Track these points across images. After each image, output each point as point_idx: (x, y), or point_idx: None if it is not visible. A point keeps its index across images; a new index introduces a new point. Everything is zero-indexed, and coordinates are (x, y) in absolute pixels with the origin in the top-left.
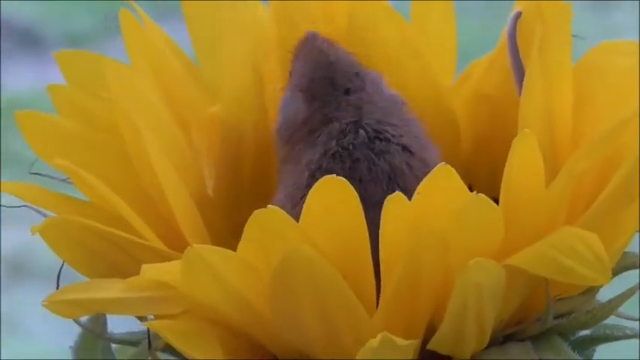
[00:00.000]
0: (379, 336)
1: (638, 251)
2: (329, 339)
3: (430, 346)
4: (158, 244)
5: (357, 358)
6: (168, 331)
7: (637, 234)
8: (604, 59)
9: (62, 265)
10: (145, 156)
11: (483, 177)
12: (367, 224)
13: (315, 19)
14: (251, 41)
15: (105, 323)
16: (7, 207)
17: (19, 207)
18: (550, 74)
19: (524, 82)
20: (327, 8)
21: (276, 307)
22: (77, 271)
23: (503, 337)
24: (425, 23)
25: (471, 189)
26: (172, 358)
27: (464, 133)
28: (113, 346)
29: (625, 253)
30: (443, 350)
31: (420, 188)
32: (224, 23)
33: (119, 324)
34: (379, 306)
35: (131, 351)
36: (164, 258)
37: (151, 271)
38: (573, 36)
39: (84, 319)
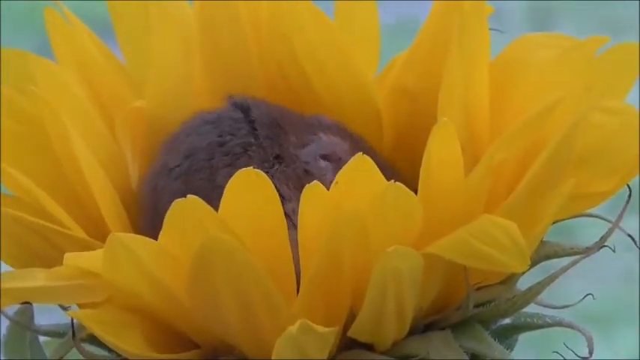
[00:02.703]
0: (297, 323)
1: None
2: (249, 327)
3: (350, 333)
4: (81, 234)
5: (277, 345)
6: (90, 320)
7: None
8: (526, 52)
9: None
10: (69, 149)
11: (406, 169)
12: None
13: (239, 19)
14: (178, 38)
15: (32, 315)
16: None
17: None
18: (468, 66)
19: (444, 74)
20: (251, 7)
21: (196, 295)
22: (4, 262)
23: (424, 326)
24: (348, 20)
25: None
26: (100, 350)
27: (386, 126)
28: (42, 339)
29: (546, 242)
30: (363, 338)
31: (338, 177)
32: (151, 21)
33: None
34: (298, 294)
35: (57, 342)
36: (88, 248)
37: (73, 258)
38: (492, 29)
39: (10, 311)
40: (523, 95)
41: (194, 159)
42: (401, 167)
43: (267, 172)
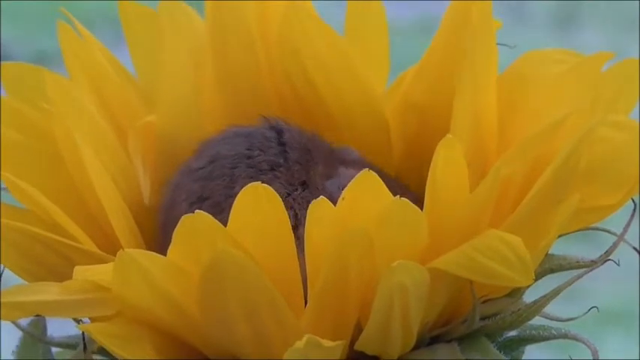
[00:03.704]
0: (305, 337)
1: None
2: (257, 340)
3: (357, 346)
4: (92, 248)
5: (284, 359)
6: (100, 333)
7: None
8: (534, 67)
9: (2, 269)
10: (80, 163)
11: (415, 182)
12: None
13: (250, 32)
14: (188, 52)
15: (44, 327)
16: None
17: None
18: (477, 81)
19: (456, 89)
20: (261, 21)
21: (205, 309)
22: (17, 276)
23: (430, 339)
24: (358, 34)
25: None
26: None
27: (395, 140)
28: (54, 349)
29: (552, 255)
30: (370, 350)
31: (344, 193)
32: (162, 33)
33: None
34: (306, 308)
35: (69, 354)
36: (99, 261)
37: (83, 272)
38: (499, 44)
39: (24, 322)
40: (531, 110)
41: (217, 164)
42: (409, 181)
43: (289, 195)
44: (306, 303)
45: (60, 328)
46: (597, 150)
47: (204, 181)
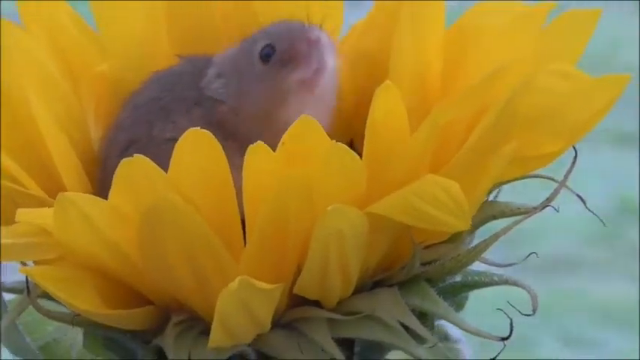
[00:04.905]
0: (238, 279)
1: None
2: (197, 283)
3: (296, 290)
4: (38, 192)
5: (218, 301)
6: (42, 276)
7: None
8: (480, 19)
9: None
10: (28, 111)
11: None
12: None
13: None
14: (143, 2)
15: None
16: None
17: None
18: (419, 32)
19: (394, 39)
20: None
21: (146, 254)
22: None
23: (372, 284)
24: None
25: (352, 143)
26: (61, 307)
27: (345, 90)
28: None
29: (493, 202)
30: (309, 295)
31: (284, 138)
32: None
33: None
34: (245, 251)
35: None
36: (46, 206)
37: (26, 215)
38: None
39: None
40: (476, 61)
41: (137, 112)
42: (360, 127)
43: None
44: None
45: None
46: (539, 98)
47: (128, 129)
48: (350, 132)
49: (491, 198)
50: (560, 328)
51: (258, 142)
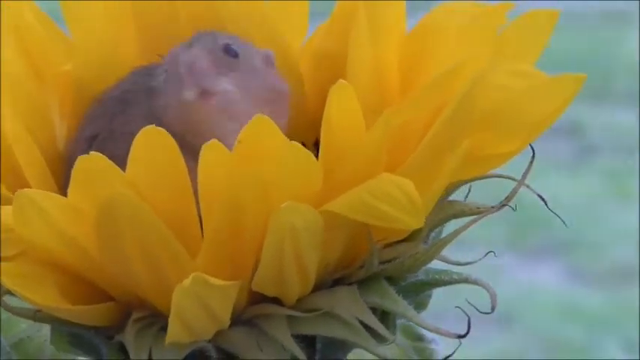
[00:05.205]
0: (191, 276)
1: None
2: (157, 281)
3: (253, 286)
4: (4, 191)
5: (173, 297)
6: (3, 272)
7: None
8: (441, 19)
9: None
10: None
11: None
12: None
13: None
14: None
15: None
16: None
17: None
18: (377, 31)
19: (350, 39)
20: None
21: (104, 250)
22: None
23: (332, 282)
24: None
25: (317, 142)
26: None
27: (309, 90)
28: None
29: (453, 202)
30: (266, 291)
31: (240, 136)
32: None
33: None
34: (202, 248)
35: None
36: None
37: None
38: None
39: None
40: (435, 61)
41: (101, 106)
42: None
43: None
44: None
45: None
46: (495, 97)
47: (90, 124)
48: (315, 132)
49: (461, 198)
50: (622, 336)
51: (213, 139)
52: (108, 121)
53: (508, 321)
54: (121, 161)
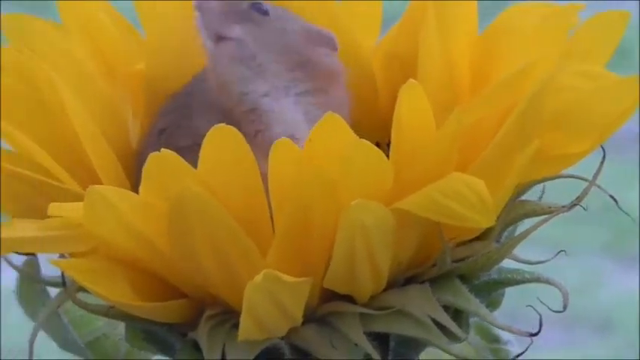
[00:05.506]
0: (262, 272)
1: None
2: (227, 278)
3: (325, 283)
4: (75, 187)
5: (245, 293)
6: (73, 269)
7: None
8: (513, 20)
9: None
10: (63, 109)
11: None
12: None
13: None
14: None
15: (37, 266)
16: None
17: None
18: (446, 32)
19: (420, 40)
20: None
21: (175, 246)
22: (5, 213)
23: (404, 280)
24: None
25: (389, 143)
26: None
27: (381, 90)
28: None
29: (525, 201)
30: (339, 289)
31: (311, 135)
32: None
33: None
34: (272, 246)
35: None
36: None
37: (56, 208)
38: None
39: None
40: (506, 61)
41: (173, 105)
42: None
43: None
44: None
45: None
46: (565, 98)
47: (161, 119)
48: (387, 131)
49: (534, 198)
50: None
51: (283, 137)
52: (175, 114)
53: (607, 328)
54: (186, 153)
